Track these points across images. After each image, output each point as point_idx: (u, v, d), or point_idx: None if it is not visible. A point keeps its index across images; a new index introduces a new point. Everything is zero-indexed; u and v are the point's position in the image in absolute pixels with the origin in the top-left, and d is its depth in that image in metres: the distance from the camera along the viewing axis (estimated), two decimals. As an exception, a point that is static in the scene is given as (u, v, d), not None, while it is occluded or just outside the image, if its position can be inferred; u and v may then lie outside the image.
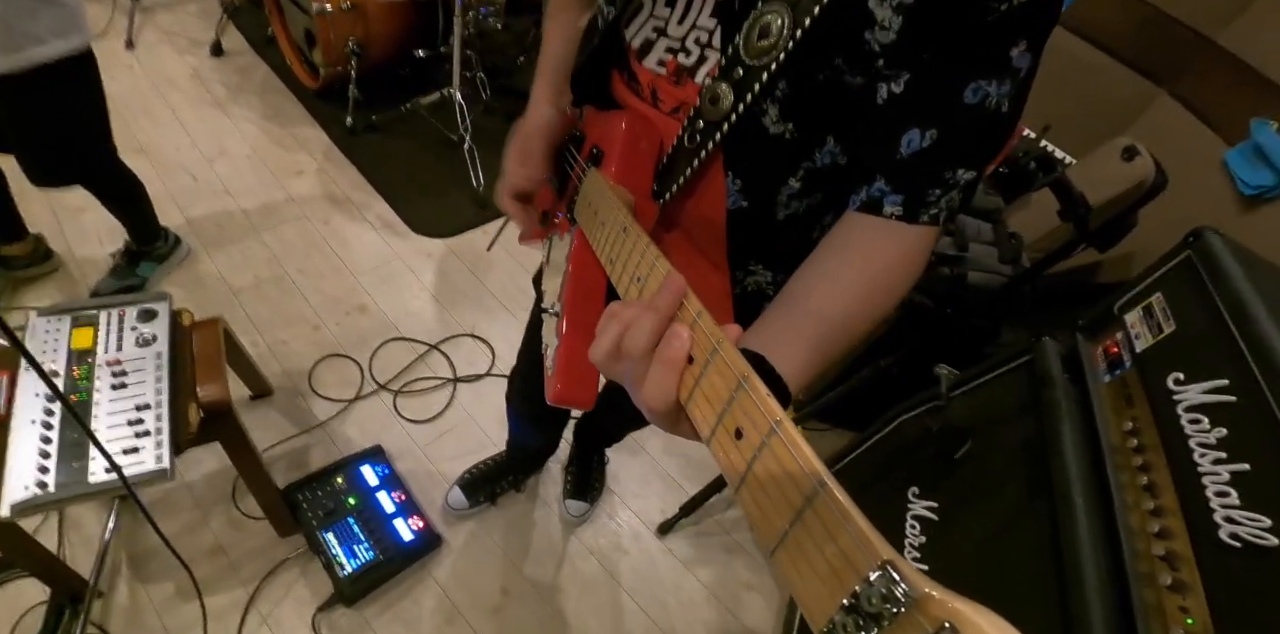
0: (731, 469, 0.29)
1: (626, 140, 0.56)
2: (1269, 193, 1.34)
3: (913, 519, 0.97)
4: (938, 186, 0.47)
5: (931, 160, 0.46)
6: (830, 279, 0.47)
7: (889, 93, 0.46)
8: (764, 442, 0.27)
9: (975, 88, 0.44)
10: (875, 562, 0.21)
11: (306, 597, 1.16)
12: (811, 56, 0.45)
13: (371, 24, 1.92)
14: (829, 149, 0.52)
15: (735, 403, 0.30)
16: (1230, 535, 0.57)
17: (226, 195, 1.81)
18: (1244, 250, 0.75)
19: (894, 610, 0.20)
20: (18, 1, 0.97)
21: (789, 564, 0.25)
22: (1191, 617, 0.57)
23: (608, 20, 0.58)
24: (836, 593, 0.22)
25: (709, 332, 0.33)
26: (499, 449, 1.37)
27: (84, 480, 0.83)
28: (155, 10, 2.30)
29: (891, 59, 0.44)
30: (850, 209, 0.49)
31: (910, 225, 0.47)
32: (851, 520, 0.23)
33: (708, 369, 0.32)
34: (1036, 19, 0.43)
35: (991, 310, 1.25)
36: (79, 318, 0.99)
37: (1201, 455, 0.63)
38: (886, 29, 0.42)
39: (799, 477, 0.25)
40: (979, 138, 0.46)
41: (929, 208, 0.47)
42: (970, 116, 0.45)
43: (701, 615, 1.28)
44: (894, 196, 0.47)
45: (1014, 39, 0.43)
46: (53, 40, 1.03)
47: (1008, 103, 0.45)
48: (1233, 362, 0.65)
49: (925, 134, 0.45)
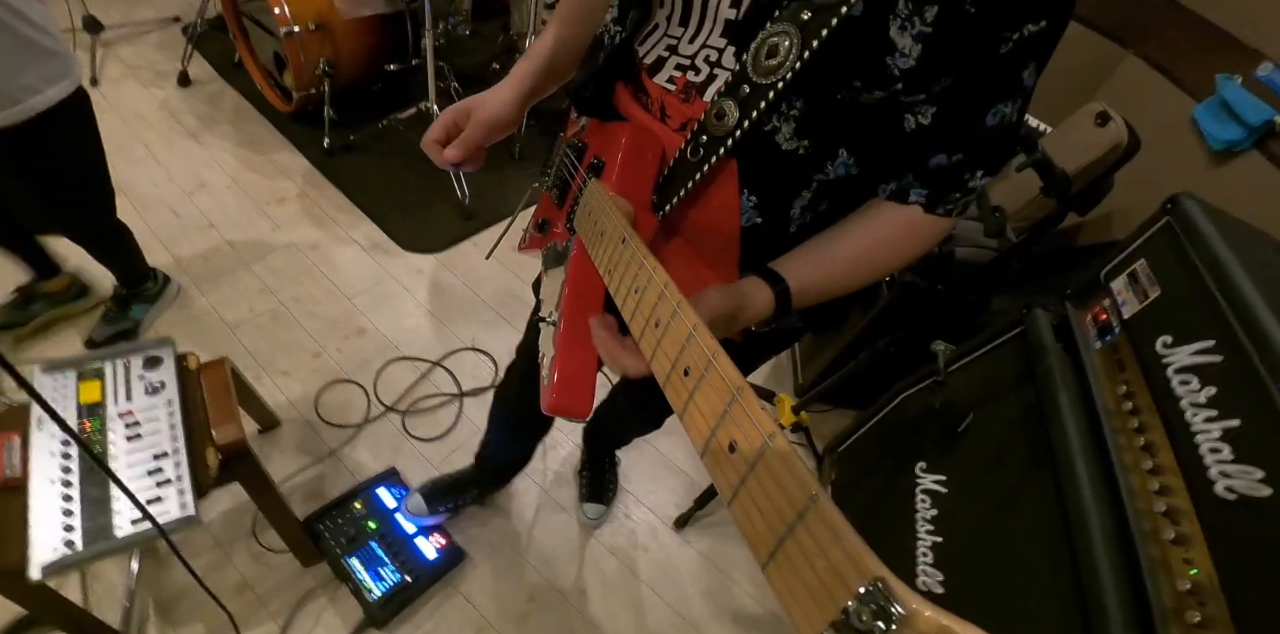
0: (724, 483, 0.29)
1: (628, 152, 0.56)
2: (1237, 146, 1.36)
3: (923, 493, 0.99)
4: (959, 190, 0.53)
5: (956, 171, 0.52)
6: (848, 238, 0.55)
7: (916, 124, 0.50)
8: (757, 456, 0.27)
9: (995, 112, 0.48)
10: (866, 578, 0.21)
11: (338, 624, 1.17)
12: (825, 77, 0.47)
13: (341, 43, 1.91)
14: (841, 161, 0.54)
15: (729, 416, 0.30)
16: (1226, 488, 0.59)
17: (211, 229, 1.80)
18: (1219, 213, 0.77)
19: (884, 627, 0.20)
20: (7, 58, 0.97)
21: (780, 579, 0.25)
22: (1195, 567, 0.60)
23: (614, 40, 0.59)
24: (827, 609, 0.22)
25: (705, 344, 0.33)
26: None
27: (110, 536, 0.83)
28: (115, 44, 2.27)
29: (910, 84, 0.46)
30: (880, 197, 0.55)
31: (927, 215, 0.54)
32: (843, 535, 0.22)
33: (702, 383, 0.32)
34: (1046, 42, 0.46)
35: (981, 284, 1.28)
36: (84, 371, 0.99)
37: (1194, 414, 0.66)
38: (906, 56, 0.44)
39: (791, 491, 0.25)
40: (997, 151, 0.52)
41: (947, 204, 0.54)
42: (990, 137, 0.50)
43: (725, 604, 1.31)
44: (920, 190, 0.53)
45: (1026, 63, 0.46)
46: (46, 89, 1.03)
47: (1018, 115, 0.50)
48: (1216, 322, 0.67)
49: (952, 158, 0.51)
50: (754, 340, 0.71)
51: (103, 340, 1.47)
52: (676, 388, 0.35)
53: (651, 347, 0.39)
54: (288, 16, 1.76)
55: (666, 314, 0.37)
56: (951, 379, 1.04)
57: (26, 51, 0.98)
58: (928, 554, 0.93)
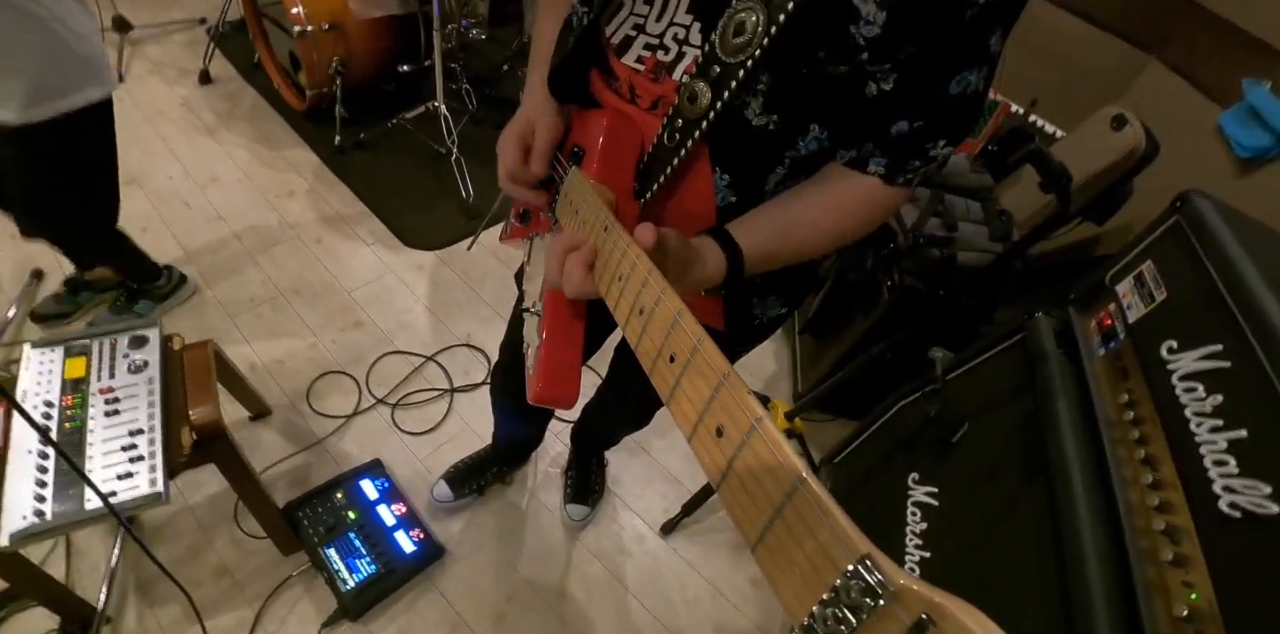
0: (713, 467, 0.30)
1: (608, 139, 0.56)
2: (1266, 154, 1.30)
3: (913, 506, 0.94)
4: (918, 158, 0.51)
5: (917, 139, 0.50)
6: (804, 205, 0.54)
7: (878, 90, 0.48)
8: (744, 440, 0.28)
9: (959, 79, 0.47)
10: (854, 556, 0.21)
11: (311, 613, 1.16)
12: (791, 51, 0.46)
13: (353, 43, 1.95)
14: (813, 136, 0.53)
15: (716, 401, 0.30)
16: (1230, 505, 0.54)
17: (219, 220, 1.83)
18: (1234, 212, 0.73)
19: (872, 603, 0.20)
20: (46, 56, 0.99)
21: (769, 560, 0.25)
22: (1195, 591, 0.55)
23: (582, 22, 0.58)
24: (816, 587, 0.23)
25: (689, 330, 0.33)
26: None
27: (81, 508, 0.84)
28: (143, 43, 2.35)
29: (876, 52, 0.45)
30: (838, 162, 0.54)
31: (885, 184, 0.52)
32: (830, 516, 0.23)
33: (688, 369, 0.32)
34: (1012, 5, 0.45)
35: (983, 289, 1.23)
36: (71, 348, 1.00)
37: (1198, 424, 0.61)
38: (871, 23, 0.43)
39: (778, 473, 0.26)
40: (961, 119, 0.50)
41: (906, 173, 0.52)
42: (954, 104, 0.48)
43: (709, 613, 1.26)
44: (879, 158, 0.52)
45: (992, 28, 0.45)
46: (75, 92, 1.05)
47: (984, 84, 0.48)
48: (1226, 326, 0.62)
49: (913, 124, 0.49)
50: (737, 328, 0.69)
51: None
52: (663, 374, 0.35)
53: (636, 334, 0.39)
54: (302, 16, 1.80)
55: (651, 301, 0.37)
56: (949, 387, 0.99)
57: (64, 53, 1.01)
58: (915, 570, 0.89)
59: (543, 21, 0.68)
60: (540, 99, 0.63)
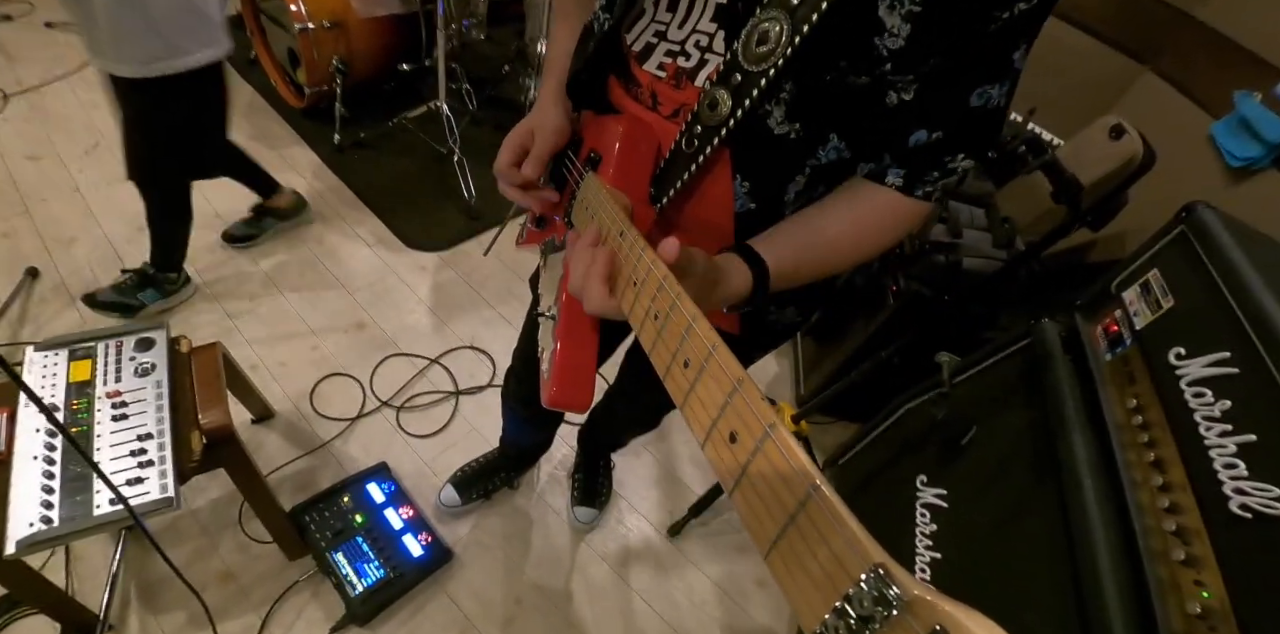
0: (726, 473, 0.30)
1: (624, 145, 0.56)
2: (1256, 164, 1.34)
3: (923, 507, 0.96)
4: (937, 170, 0.52)
5: (936, 151, 0.51)
6: (826, 219, 0.54)
7: (899, 100, 0.49)
8: (758, 446, 0.28)
9: (980, 92, 0.47)
10: (867, 565, 0.21)
11: (319, 618, 1.15)
12: (814, 61, 0.46)
13: (354, 41, 1.93)
14: (833, 145, 0.53)
15: (730, 407, 0.30)
16: (1240, 506, 0.56)
17: (218, 219, 1.81)
18: (1236, 222, 0.75)
19: (885, 613, 0.20)
20: (172, 15, 1.06)
21: (782, 567, 0.25)
22: (1207, 590, 0.57)
23: (604, 27, 0.58)
24: (829, 595, 0.22)
25: (704, 336, 0.33)
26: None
27: (89, 514, 0.83)
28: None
29: (899, 64, 0.46)
30: (859, 174, 0.55)
31: (906, 197, 0.53)
32: (844, 524, 0.23)
33: (702, 375, 0.32)
34: (1035, 21, 0.45)
35: (988, 295, 1.25)
36: (76, 351, 0.99)
37: (1207, 429, 0.63)
38: (895, 35, 0.44)
39: (792, 480, 0.25)
40: (981, 132, 0.50)
41: (925, 185, 0.52)
42: (975, 117, 0.49)
43: (715, 614, 1.27)
44: (897, 170, 0.52)
45: (1016, 43, 0.46)
46: (195, 51, 1.12)
47: (1005, 99, 0.49)
48: (1233, 333, 0.64)
49: (932, 134, 0.49)
50: (752, 333, 0.70)
51: (102, 303, 1.50)
52: (677, 380, 0.35)
53: (651, 339, 0.38)
54: (303, 13, 1.78)
55: (666, 306, 0.37)
56: (956, 390, 1.01)
57: (190, 12, 1.08)
58: (925, 571, 0.90)
59: (558, 31, 0.68)
60: (547, 105, 0.63)
